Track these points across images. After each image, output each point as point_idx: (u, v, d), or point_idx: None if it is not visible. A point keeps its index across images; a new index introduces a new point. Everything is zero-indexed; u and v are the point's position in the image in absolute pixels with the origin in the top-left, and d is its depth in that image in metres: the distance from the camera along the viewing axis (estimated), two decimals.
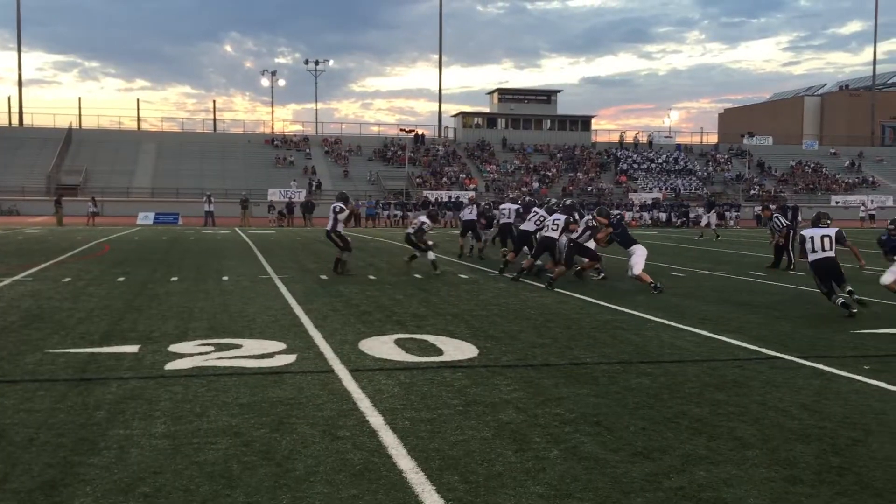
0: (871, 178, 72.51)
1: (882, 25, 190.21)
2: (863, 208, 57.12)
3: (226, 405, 6.18)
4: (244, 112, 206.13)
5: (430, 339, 9.19)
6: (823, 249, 11.73)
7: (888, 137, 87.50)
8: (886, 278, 12.22)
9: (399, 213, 51.18)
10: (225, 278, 15.76)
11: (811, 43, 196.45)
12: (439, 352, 8.41)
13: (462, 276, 16.76)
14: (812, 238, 11.88)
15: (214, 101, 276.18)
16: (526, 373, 7.47)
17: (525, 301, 12.64)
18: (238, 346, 8.59)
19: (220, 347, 8.53)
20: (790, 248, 18.99)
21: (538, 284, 14.86)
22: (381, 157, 69.85)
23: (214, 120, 76.89)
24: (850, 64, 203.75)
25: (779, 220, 19.58)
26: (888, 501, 4.38)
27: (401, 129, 74.34)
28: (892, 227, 13.27)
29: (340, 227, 16.76)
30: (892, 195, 67.06)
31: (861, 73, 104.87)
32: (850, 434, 5.60)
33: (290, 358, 8.00)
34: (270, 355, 8.12)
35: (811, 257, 11.85)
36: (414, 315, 11.09)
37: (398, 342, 8.95)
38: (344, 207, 16.71)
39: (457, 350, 8.50)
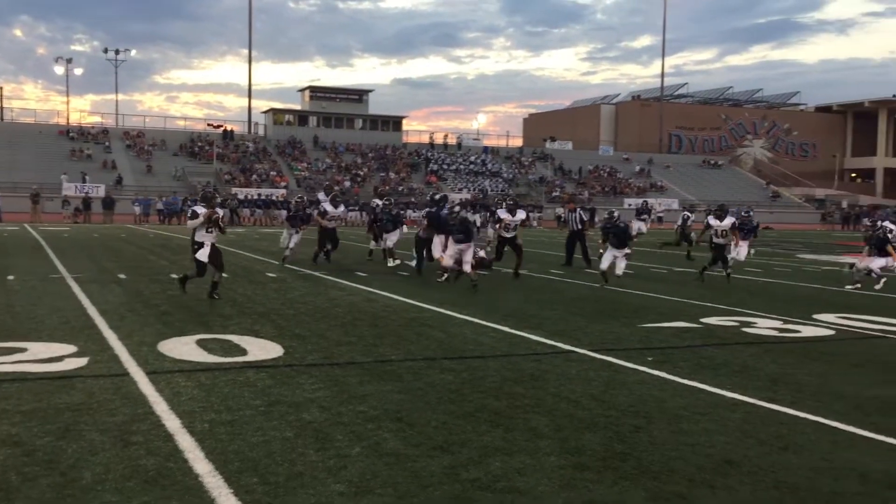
0: (659, 183, 77.67)
1: (669, 41, 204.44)
2: (651, 210, 61.14)
3: (6, 413, 5.77)
4: (36, 101, 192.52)
5: (235, 339, 8.98)
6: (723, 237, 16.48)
7: (675, 145, 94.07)
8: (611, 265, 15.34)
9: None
10: (10, 277, 14.68)
11: (607, 55, 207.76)
12: (243, 352, 8.23)
13: (270, 274, 16.49)
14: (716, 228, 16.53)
15: (1, 89, 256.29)
16: (331, 371, 7.46)
17: (333, 300, 12.60)
18: (22, 350, 8.02)
19: (1, 352, 7.94)
20: (586, 247, 20.05)
21: (346, 282, 14.86)
22: (187, 153, 67.35)
23: (1, 108, 71.11)
24: (641, 75, 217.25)
25: (579, 216, 20.66)
26: (663, 483, 4.72)
27: (208, 124, 71.98)
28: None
29: (202, 238, 12.41)
30: (678, 199, 72.09)
31: (651, 84, 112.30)
32: (633, 422, 5.99)
33: (81, 361, 7.57)
34: (59, 359, 7.64)
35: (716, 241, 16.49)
36: (219, 315, 10.79)
37: (200, 343, 8.68)
38: (197, 212, 12.47)
39: (261, 350, 8.36)
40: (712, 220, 16.91)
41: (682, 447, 5.40)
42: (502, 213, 17.50)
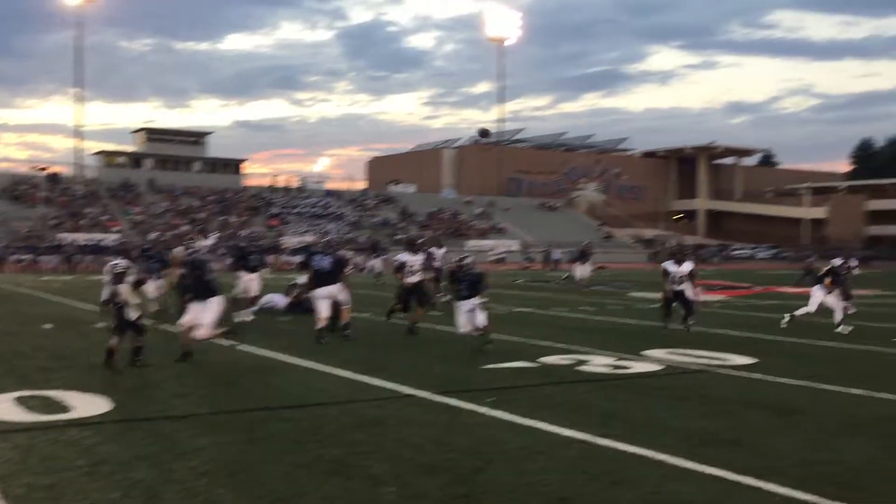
0: (500, 225, 79.77)
1: (507, 88, 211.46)
2: (492, 252, 62.61)
3: None
4: None
5: (58, 394, 8.43)
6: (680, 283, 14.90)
7: (514, 188, 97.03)
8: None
9: (30, 256, 46.77)
10: None
11: (447, 99, 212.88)
12: (67, 408, 7.75)
13: (99, 325, 15.66)
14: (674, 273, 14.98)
15: None
16: (163, 425, 7.13)
17: (170, 350, 12.09)
18: None
19: None
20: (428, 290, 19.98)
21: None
22: (9, 196, 63.41)
23: None
24: (481, 120, 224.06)
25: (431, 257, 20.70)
26: None
27: (32, 167, 68.22)
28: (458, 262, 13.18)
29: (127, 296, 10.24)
30: (519, 240, 74.21)
31: (491, 129, 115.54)
32: (473, 464, 6.03)
33: None
34: None
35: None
36: (41, 368, 10.13)
37: (19, 400, 8.10)
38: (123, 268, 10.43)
39: (88, 405, 7.89)
40: (671, 266, 15.27)
41: (520, 487, 5.49)
42: (404, 257, 15.23)
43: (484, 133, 74.99)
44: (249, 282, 16.67)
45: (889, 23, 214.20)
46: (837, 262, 16.73)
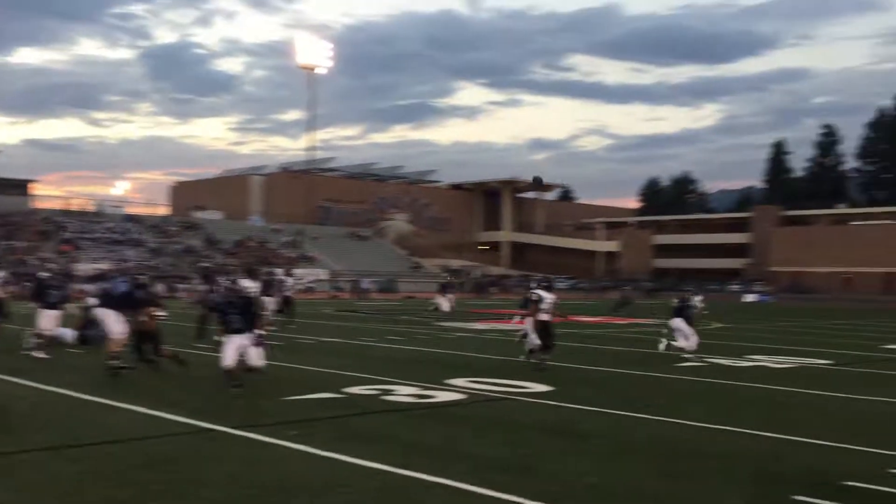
0: (309, 254, 79.03)
1: (317, 116, 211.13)
2: (301, 281, 61.96)
3: None
4: None
5: None
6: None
7: (324, 217, 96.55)
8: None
9: None
10: None
11: (256, 126, 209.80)
12: None
13: None
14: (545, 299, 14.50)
15: None
16: None
17: None
18: None
19: None
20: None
21: None
22: None
23: None
24: (290, 148, 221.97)
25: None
26: None
27: None
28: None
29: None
30: (328, 269, 73.77)
31: (301, 156, 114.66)
32: (276, 499, 5.89)
33: None
34: None
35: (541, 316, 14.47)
36: None
37: None
38: None
39: None
40: (544, 294, 14.82)
41: None
42: (245, 283, 15.15)
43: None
44: (47, 318, 15.26)
45: (673, 71, 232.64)
46: (689, 296, 18.29)
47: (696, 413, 10.09)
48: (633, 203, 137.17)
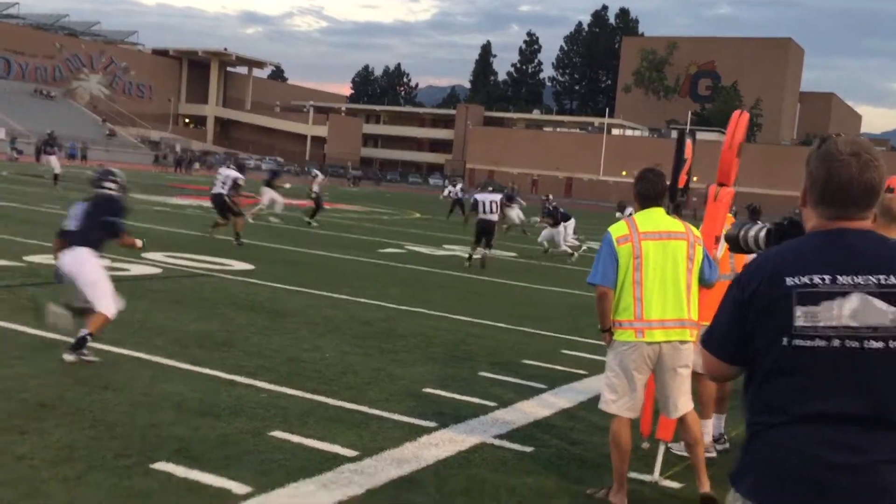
0: None
1: None
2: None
3: None
4: None
5: None
6: (491, 212, 14.70)
7: (2, 69, 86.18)
8: None
9: None
10: None
11: None
12: None
13: None
14: (483, 202, 14.73)
15: None
16: None
17: None
18: None
19: None
20: None
21: None
22: None
23: None
24: None
25: None
26: None
27: None
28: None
29: None
30: (5, 127, 66.52)
31: None
32: None
33: None
34: None
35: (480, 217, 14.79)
36: None
37: None
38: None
39: None
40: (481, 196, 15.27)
41: None
42: None
43: None
44: None
45: None
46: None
47: (395, 296, 10.50)
48: (344, 90, 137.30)
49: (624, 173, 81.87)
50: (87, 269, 6.01)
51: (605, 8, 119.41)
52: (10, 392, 5.04)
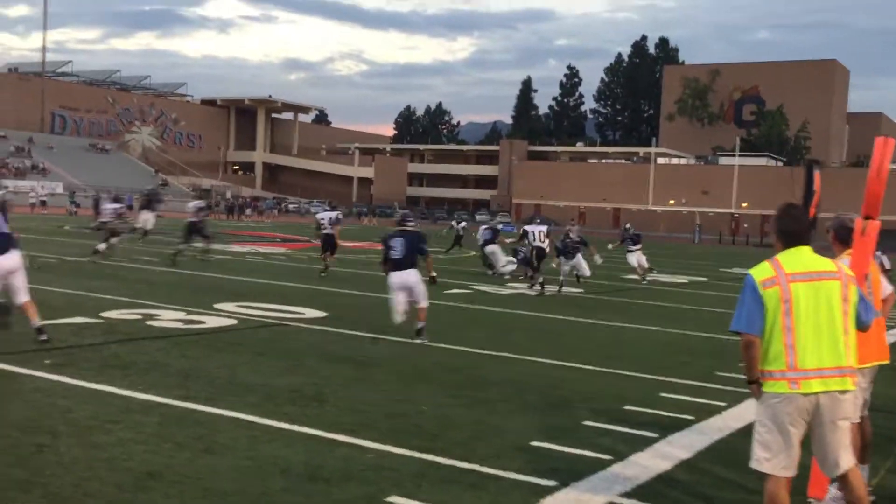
0: (41, 165, 72.39)
1: (52, 15, 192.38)
2: (33, 194, 56.49)
3: None
4: None
5: None
6: (542, 241, 16.90)
7: (58, 125, 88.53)
8: None
9: None
10: None
11: None
12: None
13: None
14: (532, 232, 17.05)
15: None
16: None
17: None
18: None
19: None
20: None
21: None
22: None
23: None
24: (18, 47, 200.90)
25: None
26: None
27: None
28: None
29: None
30: (62, 182, 68.05)
31: (30, 58, 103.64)
32: (34, 441, 5.16)
33: None
34: None
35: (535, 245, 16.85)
36: None
37: None
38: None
39: None
40: (531, 227, 17.48)
41: (97, 463, 4.80)
42: None
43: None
44: None
45: (429, 1, 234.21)
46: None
47: (477, 339, 10.24)
48: (387, 130, 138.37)
49: (671, 202, 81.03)
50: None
51: (644, 38, 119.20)
52: (116, 461, 4.87)
